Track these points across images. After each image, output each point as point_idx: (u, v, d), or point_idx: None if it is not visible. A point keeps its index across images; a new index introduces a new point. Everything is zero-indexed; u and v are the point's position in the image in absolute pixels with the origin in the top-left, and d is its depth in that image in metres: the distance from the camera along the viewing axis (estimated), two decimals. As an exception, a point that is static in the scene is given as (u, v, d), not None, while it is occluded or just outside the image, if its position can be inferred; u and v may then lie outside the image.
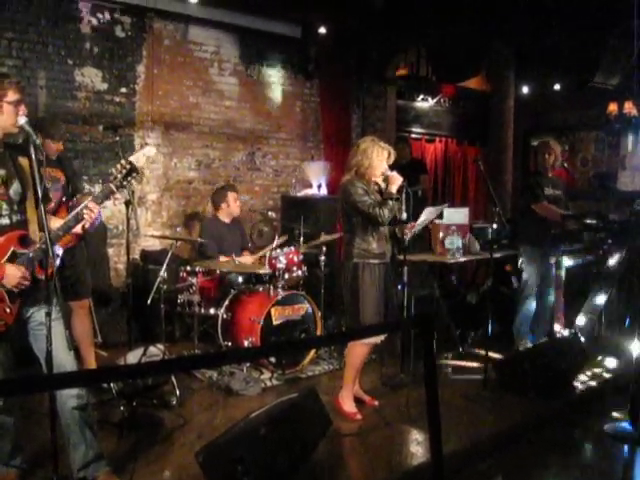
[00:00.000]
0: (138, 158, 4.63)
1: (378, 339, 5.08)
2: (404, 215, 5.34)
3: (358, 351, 5.10)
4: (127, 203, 5.22)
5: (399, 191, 5.07)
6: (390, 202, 4.97)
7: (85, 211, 3.66)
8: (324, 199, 8.53)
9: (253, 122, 8.85)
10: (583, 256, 7.39)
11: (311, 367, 6.24)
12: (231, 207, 6.85)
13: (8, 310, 3.45)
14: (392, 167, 5.18)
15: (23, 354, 3.68)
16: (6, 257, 3.45)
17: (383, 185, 5.14)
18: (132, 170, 3.90)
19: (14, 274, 3.40)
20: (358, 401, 5.27)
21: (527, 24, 8.21)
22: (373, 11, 7.92)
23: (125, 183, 3.91)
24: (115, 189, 3.84)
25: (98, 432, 3.85)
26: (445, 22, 8.33)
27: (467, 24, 8.28)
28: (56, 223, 3.70)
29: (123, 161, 3.90)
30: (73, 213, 3.71)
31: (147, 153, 4.69)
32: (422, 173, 9.31)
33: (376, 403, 5.35)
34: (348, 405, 5.14)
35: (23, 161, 3.55)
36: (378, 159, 5.07)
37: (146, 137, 7.81)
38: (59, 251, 4.17)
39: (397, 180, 5.07)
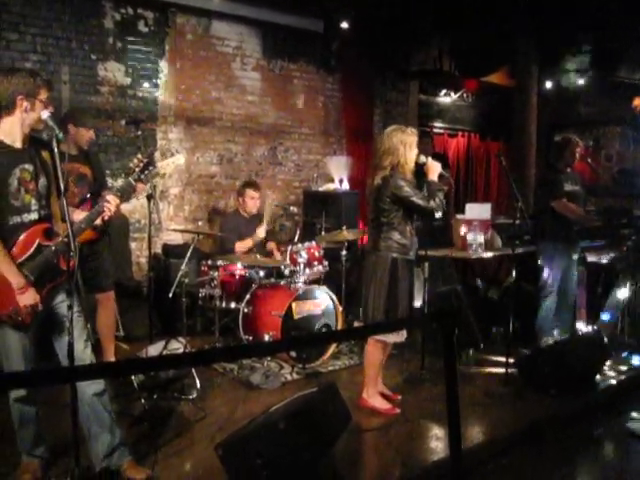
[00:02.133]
0: (167, 165, 4.65)
1: (396, 338, 5.04)
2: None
3: (374, 350, 5.08)
4: (149, 197, 5.26)
5: (439, 178, 5.01)
6: (438, 193, 4.90)
7: (105, 204, 3.70)
8: (346, 194, 8.52)
9: (275, 117, 8.86)
10: (606, 252, 7.34)
11: (332, 362, 6.23)
12: (246, 204, 6.86)
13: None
14: (414, 162, 5.08)
15: (43, 346, 3.72)
16: (32, 249, 3.49)
17: (409, 176, 5.02)
18: (149, 164, 3.95)
19: (30, 298, 3.45)
20: (381, 396, 5.25)
21: (550, 18, 8.14)
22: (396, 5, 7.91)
23: (142, 177, 3.96)
24: (133, 182, 3.90)
25: (119, 424, 3.88)
26: (468, 16, 8.28)
27: (490, 18, 8.23)
28: (79, 216, 3.75)
29: (140, 155, 3.95)
30: (95, 207, 3.76)
31: (176, 161, 4.73)
32: (444, 168, 9.27)
33: (399, 397, 5.32)
34: (379, 402, 5.11)
35: (45, 155, 3.60)
36: (410, 151, 4.95)
37: (168, 132, 7.85)
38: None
39: (436, 167, 5.01)
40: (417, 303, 5.35)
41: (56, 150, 3.36)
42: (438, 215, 4.96)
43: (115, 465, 3.76)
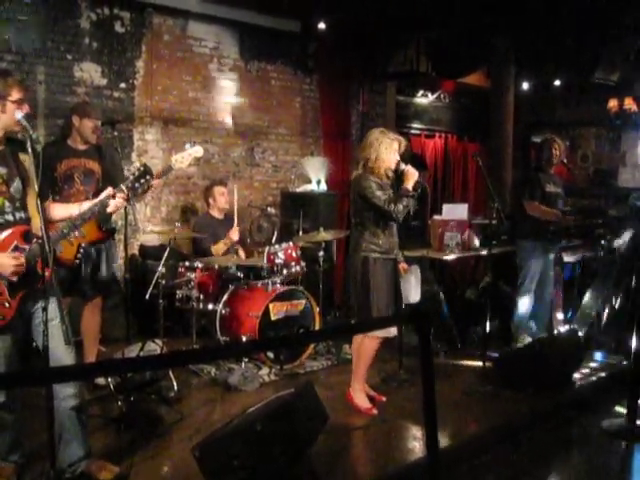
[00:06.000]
0: (183, 158, 4.56)
1: (390, 332, 5.05)
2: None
3: (369, 344, 5.09)
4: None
5: (415, 187, 4.97)
6: (405, 199, 4.86)
7: (111, 200, 3.73)
8: (323, 195, 8.53)
9: (252, 118, 8.84)
10: (582, 252, 7.40)
11: (309, 362, 6.24)
12: (217, 201, 6.85)
13: (7, 305, 3.45)
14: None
15: (27, 350, 3.70)
16: (8, 251, 3.45)
17: (389, 179, 5.06)
18: (145, 173, 3.89)
19: (7, 263, 3.39)
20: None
21: (527, 19, 8.19)
22: (373, 6, 7.91)
23: (137, 185, 3.90)
24: (125, 190, 3.84)
25: (96, 427, 3.88)
26: (445, 17, 8.31)
27: (467, 19, 8.27)
28: (71, 210, 3.74)
29: (137, 163, 3.91)
30: (84, 208, 3.73)
31: (194, 153, 4.61)
32: (422, 169, 9.31)
33: (384, 399, 5.33)
34: (361, 400, 5.13)
35: (24, 157, 3.55)
36: (387, 152, 4.96)
37: (145, 132, 7.80)
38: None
39: (413, 175, 4.96)
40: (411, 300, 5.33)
41: (30, 151, 3.32)
42: (398, 220, 4.93)
43: (80, 470, 3.77)
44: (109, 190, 3.82)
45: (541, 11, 7.91)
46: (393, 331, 5.09)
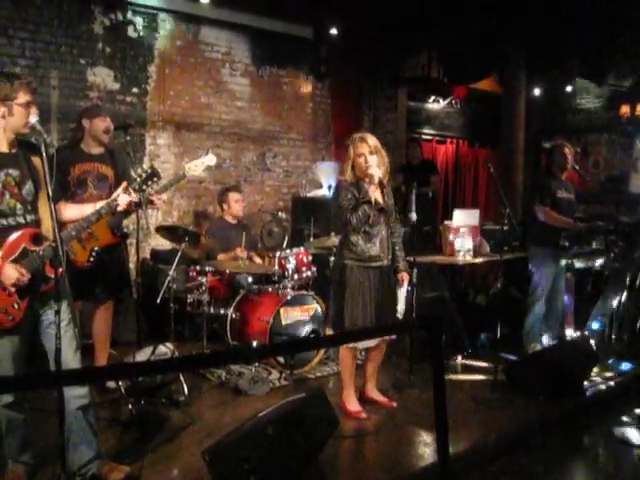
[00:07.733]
0: (196, 166, 4.57)
1: (366, 344, 5.04)
2: (413, 215, 5.30)
3: (344, 354, 5.12)
4: (137, 203, 5.22)
5: (376, 202, 4.88)
6: (361, 208, 4.82)
7: (119, 198, 3.77)
8: (334, 200, 8.52)
9: (264, 123, 8.86)
10: (594, 258, 7.37)
11: (319, 368, 6.23)
12: (232, 208, 6.84)
13: (16, 306, 3.46)
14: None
15: (32, 352, 3.70)
16: (17, 253, 3.46)
17: (387, 182, 5.03)
18: (153, 175, 3.92)
19: (11, 274, 3.40)
20: (373, 403, 5.28)
21: (538, 25, 8.18)
22: (385, 12, 7.93)
23: (145, 187, 3.93)
24: (132, 192, 3.87)
25: (106, 430, 3.88)
26: (457, 23, 8.31)
27: (478, 26, 8.26)
28: (84, 211, 3.78)
29: (145, 165, 3.93)
30: (92, 212, 3.75)
31: (207, 162, 4.63)
32: (433, 174, 9.30)
33: (395, 404, 5.32)
34: (351, 404, 5.13)
35: (36, 160, 3.57)
36: (355, 158, 4.93)
37: (157, 137, 7.84)
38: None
39: (371, 187, 4.86)
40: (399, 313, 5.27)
41: (45, 155, 3.34)
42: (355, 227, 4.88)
43: (90, 473, 3.76)
44: (123, 185, 3.87)
45: (552, 16, 7.90)
46: (368, 343, 5.03)
